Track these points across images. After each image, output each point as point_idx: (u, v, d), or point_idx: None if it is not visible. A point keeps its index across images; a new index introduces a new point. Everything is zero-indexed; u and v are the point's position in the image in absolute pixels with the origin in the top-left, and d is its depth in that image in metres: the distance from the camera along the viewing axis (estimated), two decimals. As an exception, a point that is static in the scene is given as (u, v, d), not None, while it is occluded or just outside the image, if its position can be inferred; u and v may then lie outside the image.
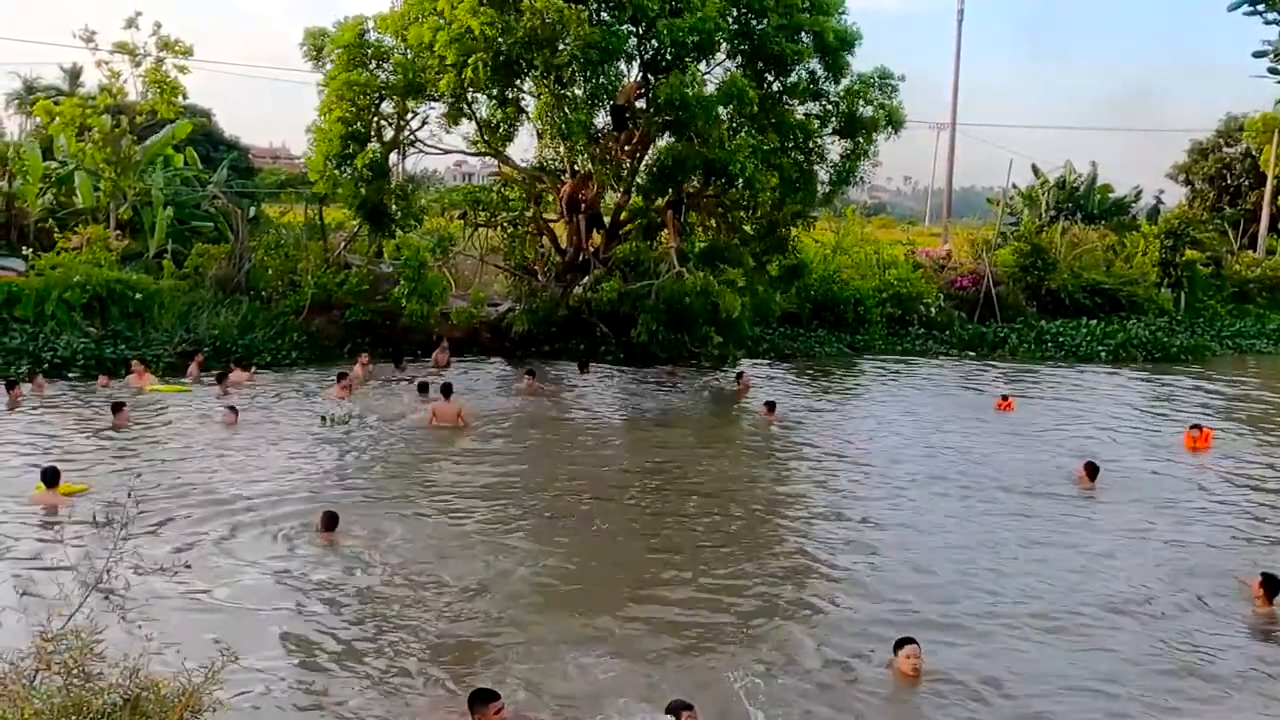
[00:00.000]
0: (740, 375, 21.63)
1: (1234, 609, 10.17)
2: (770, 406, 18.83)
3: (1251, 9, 45.23)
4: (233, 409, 16.74)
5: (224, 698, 5.26)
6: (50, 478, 12.22)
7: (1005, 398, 20.48)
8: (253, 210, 29.06)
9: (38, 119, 28.87)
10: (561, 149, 23.84)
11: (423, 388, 19.10)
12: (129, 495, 6.56)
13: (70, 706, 4.98)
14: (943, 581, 10.80)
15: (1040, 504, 13.72)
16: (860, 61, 23.26)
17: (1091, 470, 14.58)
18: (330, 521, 11.47)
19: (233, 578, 10.19)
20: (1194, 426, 17.51)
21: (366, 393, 19.43)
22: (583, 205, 23.63)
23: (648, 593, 10.26)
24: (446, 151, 25.12)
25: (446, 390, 17.66)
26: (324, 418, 16.82)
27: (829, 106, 23.52)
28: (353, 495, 13.20)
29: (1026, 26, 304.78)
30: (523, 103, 23.71)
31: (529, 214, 25.36)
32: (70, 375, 19.56)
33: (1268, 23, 45.75)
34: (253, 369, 20.52)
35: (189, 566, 9.65)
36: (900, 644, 8.49)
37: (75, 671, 5.18)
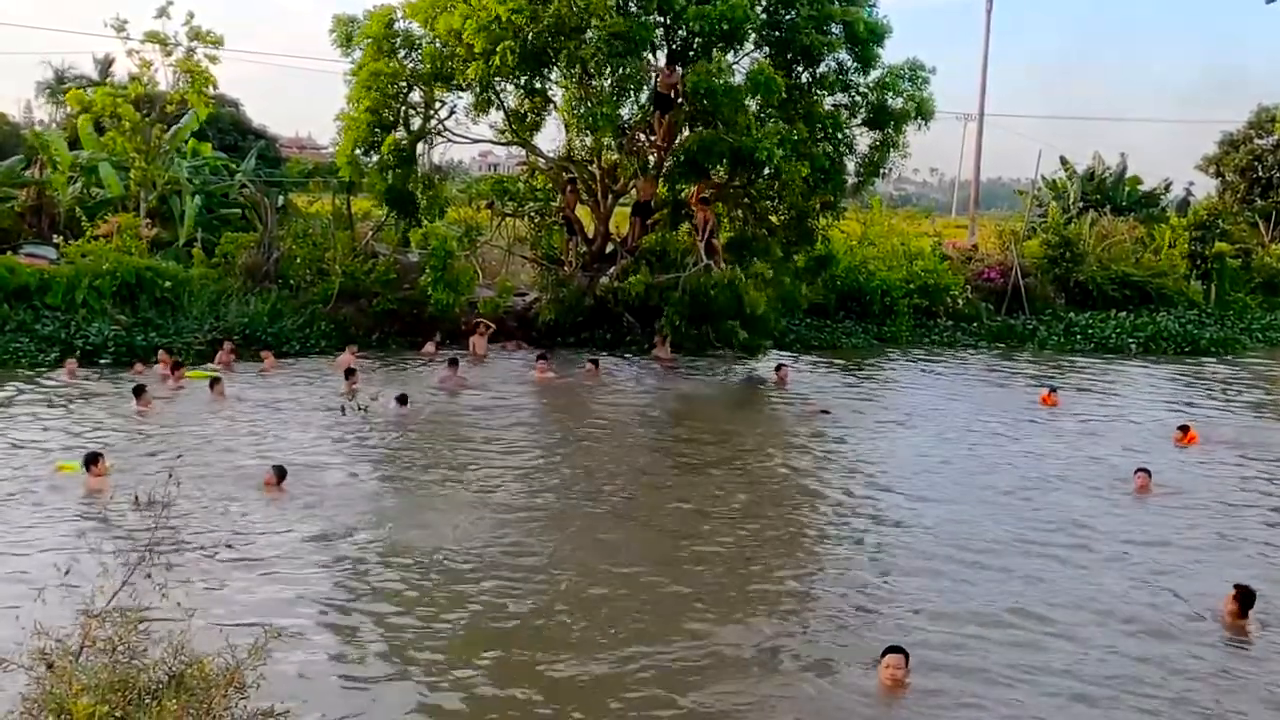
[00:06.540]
0: (780, 368, 21.55)
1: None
2: (779, 368, 20.99)
3: (1289, 3, 44.51)
4: (218, 379, 17.56)
5: (266, 673, 5.27)
6: (91, 461, 12.36)
7: (1052, 390, 20.10)
8: (281, 199, 29.19)
9: (69, 108, 29.10)
10: (589, 140, 23.86)
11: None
12: (169, 476, 6.64)
13: (117, 683, 5.02)
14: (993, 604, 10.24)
15: (1103, 520, 12.83)
16: (887, 53, 23.21)
17: (1145, 476, 14.03)
18: (280, 474, 12.37)
19: (271, 555, 10.34)
20: (1181, 427, 17.13)
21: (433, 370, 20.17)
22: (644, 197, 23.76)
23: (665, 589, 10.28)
24: (475, 141, 25.25)
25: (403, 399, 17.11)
26: (361, 407, 16.83)
27: (858, 98, 23.42)
28: (381, 474, 13.49)
29: (1056, 17, 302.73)
30: (550, 93, 23.74)
31: (556, 204, 25.39)
32: (101, 362, 19.74)
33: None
34: (352, 348, 21.25)
35: (230, 545, 9.76)
36: (884, 653, 8.21)
37: (121, 649, 5.23)
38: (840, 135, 23.12)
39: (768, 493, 13.51)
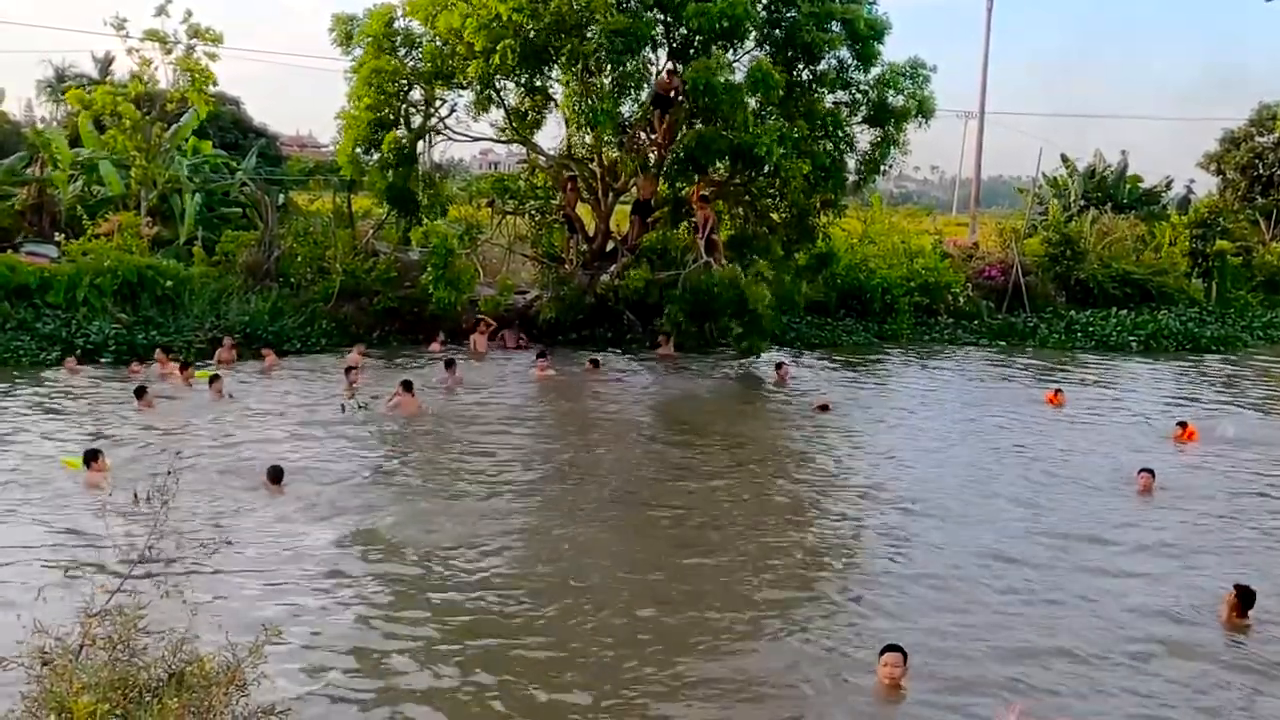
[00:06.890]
0: (780, 366, 21.54)
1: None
2: (779, 366, 21.18)
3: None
4: (217, 377, 17.53)
5: (267, 671, 5.26)
6: (91, 458, 12.42)
7: (1057, 391, 19.99)
8: (281, 198, 29.19)
9: (69, 106, 29.11)
10: (589, 137, 23.87)
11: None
12: (169, 472, 6.63)
13: (117, 681, 5.01)
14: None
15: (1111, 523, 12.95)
16: (888, 50, 23.22)
17: (1149, 476, 13.92)
18: (276, 475, 12.40)
19: (271, 553, 10.35)
20: (1180, 424, 17.20)
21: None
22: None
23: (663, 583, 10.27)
24: (475, 139, 25.22)
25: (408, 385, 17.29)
26: (361, 405, 16.87)
27: (858, 95, 23.43)
28: (380, 473, 13.42)
29: (1057, 14, 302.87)
30: (551, 90, 23.74)
31: (555, 202, 25.39)
32: (102, 360, 19.75)
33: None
34: (360, 347, 21.42)
35: (230, 543, 9.76)
36: (882, 652, 8.15)
37: (120, 647, 5.22)
38: (841, 133, 23.14)
39: (767, 493, 13.48)
